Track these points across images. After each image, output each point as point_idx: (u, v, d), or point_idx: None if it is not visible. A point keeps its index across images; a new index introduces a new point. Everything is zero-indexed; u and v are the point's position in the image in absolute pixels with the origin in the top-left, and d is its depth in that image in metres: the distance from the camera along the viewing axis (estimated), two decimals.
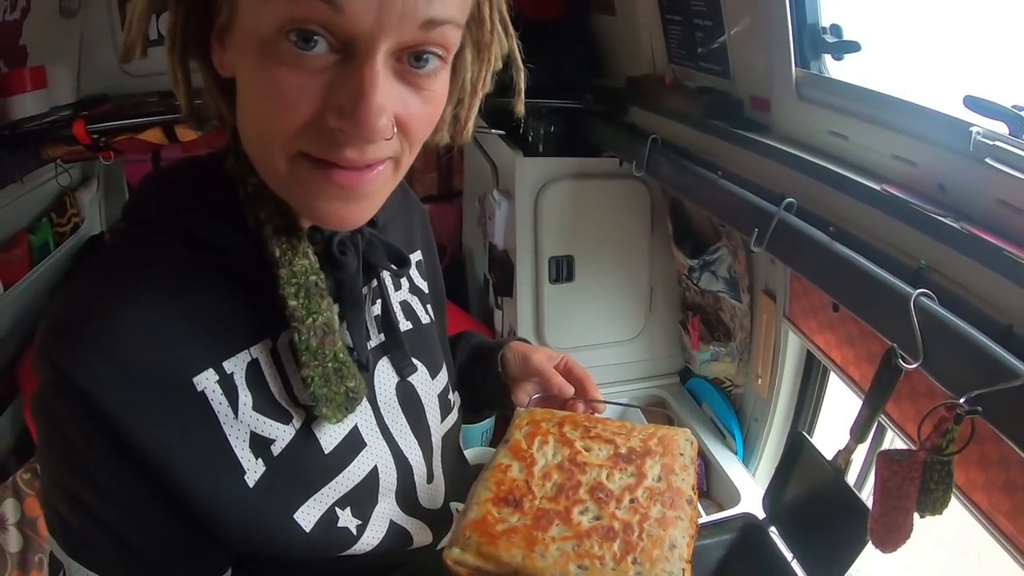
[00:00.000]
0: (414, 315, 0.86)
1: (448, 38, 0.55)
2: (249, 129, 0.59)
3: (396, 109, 0.55)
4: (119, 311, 0.57)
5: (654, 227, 1.96)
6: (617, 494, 0.70)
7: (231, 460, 0.61)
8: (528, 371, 0.95)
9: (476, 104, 0.71)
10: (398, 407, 0.79)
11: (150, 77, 1.91)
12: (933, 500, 0.88)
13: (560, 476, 0.72)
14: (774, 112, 1.33)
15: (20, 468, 1.55)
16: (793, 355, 1.59)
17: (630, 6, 1.74)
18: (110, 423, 0.55)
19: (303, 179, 0.57)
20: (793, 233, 1.08)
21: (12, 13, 1.49)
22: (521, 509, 0.68)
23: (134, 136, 1.65)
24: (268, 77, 0.53)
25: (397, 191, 0.88)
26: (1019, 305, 0.79)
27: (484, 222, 2.16)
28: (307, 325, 0.63)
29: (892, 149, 1.05)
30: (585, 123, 1.91)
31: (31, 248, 1.85)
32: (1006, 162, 0.86)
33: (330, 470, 0.69)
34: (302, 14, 0.49)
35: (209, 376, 0.60)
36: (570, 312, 1.96)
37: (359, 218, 0.61)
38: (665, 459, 0.74)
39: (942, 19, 1.09)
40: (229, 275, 0.63)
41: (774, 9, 1.22)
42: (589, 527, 0.66)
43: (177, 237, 0.62)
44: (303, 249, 0.64)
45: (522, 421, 0.80)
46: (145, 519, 0.60)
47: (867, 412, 1.12)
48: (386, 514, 0.75)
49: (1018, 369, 0.73)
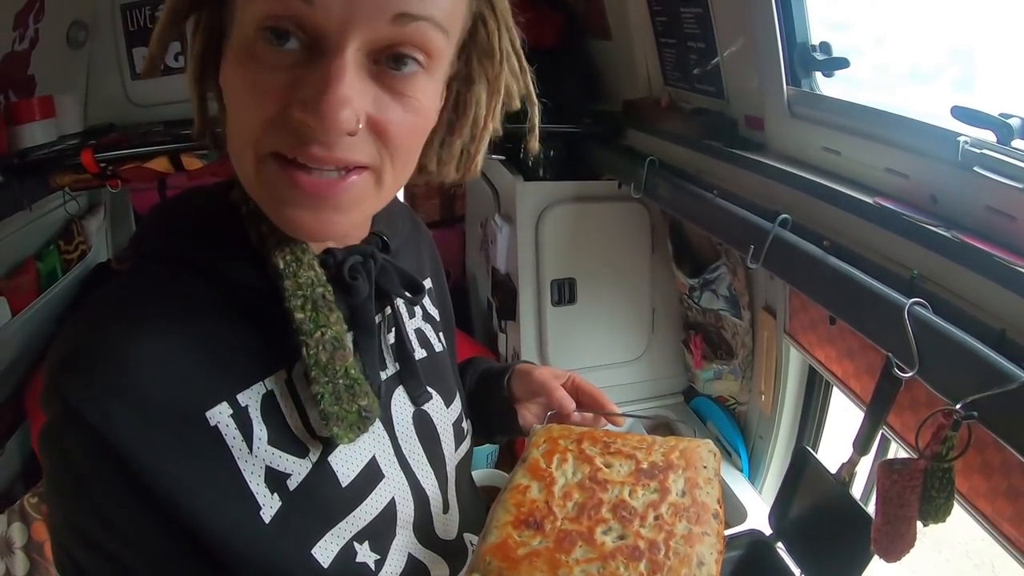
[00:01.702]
0: (428, 343, 0.86)
1: (427, 38, 0.55)
2: (229, 136, 0.59)
3: (369, 109, 0.55)
4: (130, 344, 0.56)
5: (654, 248, 1.97)
6: (641, 511, 0.68)
7: (246, 496, 0.60)
8: (531, 388, 0.95)
9: (486, 139, 0.70)
10: (414, 436, 0.78)
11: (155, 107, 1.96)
12: (935, 508, 0.88)
13: (581, 495, 0.70)
14: (768, 130, 1.35)
15: (27, 492, 1.57)
16: (795, 370, 1.59)
17: (625, 31, 1.77)
18: (122, 459, 0.54)
19: (270, 181, 0.56)
20: (788, 248, 1.09)
21: (21, 43, 1.54)
22: (542, 531, 0.66)
23: (141, 165, 1.68)
24: (243, 76, 0.54)
25: (406, 218, 0.88)
26: (1012, 309, 0.80)
27: (486, 247, 2.17)
28: (315, 339, 0.62)
29: (884, 162, 1.06)
30: (584, 147, 1.93)
31: (39, 275, 1.87)
32: (994, 169, 0.87)
33: (348, 504, 0.68)
34: (276, 9, 0.51)
35: (223, 410, 0.59)
36: (573, 334, 1.96)
37: (330, 230, 0.59)
38: (688, 472, 0.72)
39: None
40: (242, 306, 0.63)
41: (764, 29, 1.24)
42: (614, 547, 0.64)
43: (187, 269, 0.62)
44: (308, 261, 0.63)
45: (539, 439, 0.78)
46: (159, 557, 0.59)
47: (869, 424, 1.12)
48: (404, 547, 0.74)
49: (1013, 373, 0.73)
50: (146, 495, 0.55)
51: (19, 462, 1.77)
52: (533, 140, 0.73)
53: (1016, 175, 0.84)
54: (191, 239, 0.64)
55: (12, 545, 1.52)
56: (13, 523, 1.53)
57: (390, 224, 0.78)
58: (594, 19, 1.92)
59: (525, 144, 0.74)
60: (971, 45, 1.05)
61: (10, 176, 1.54)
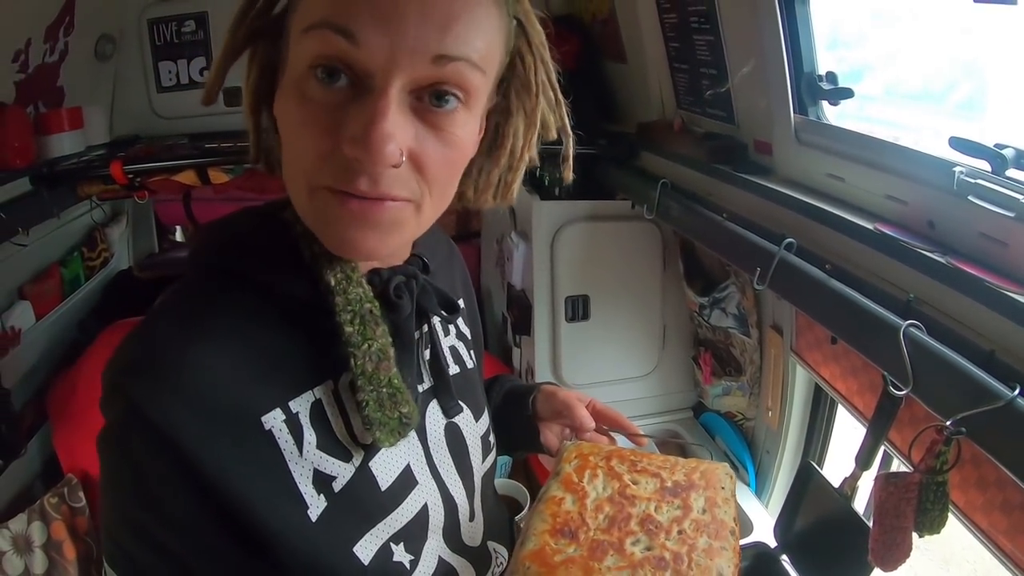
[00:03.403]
0: (460, 360, 0.89)
1: (464, 77, 0.59)
2: (284, 164, 0.63)
3: (411, 144, 0.58)
4: (192, 352, 0.60)
5: (666, 266, 2.00)
6: (666, 526, 0.74)
7: (295, 495, 0.63)
8: (555, 408, 1.00)
9: (523, 168, 0.74)
10: (445, 447, 0.81)
11: (178, 119, 2.03)
12: (930, 520, 0.92)
13: (611, 508, 0.75)
14: (776, 155, 1.39)
15: (47, 493, 1.61)
16: (801, 387, 1.62)
17: (640, 55, 1.81)
18: (185, 457, 0.57)
19: (322, 207, 0.60)
20: (793, 271, 1.13)
21: (51, 56, 1.59)
22: (577, 540, 0.71)
23: (168, 177, 1.72)
24: (297, 112, 0.58)
25: (443, 242, 0.91)
26: (1000, 331, 0.83)
27: (502, 263, 2.21)
28: (362, 351, 0.65)
29: (885, 189, 1.11)
30: (599, 167, 1.96)
31: (62, 280, 1.93)
32: (987, 198, 0.91)
33: (386, 506, 0.71)
34: (326, 50, 0.55)
35: (277, 415, 0.63)
36: (586, 349, 1.99)
37: (373, 248, 0.62)
38: (708, 492, 0.78)
39: None
40: (293, 319, 0.67)
41: (773, 58, 1.29)
42: (642, 557, 0.70)
43: (242, 283, 0.66)
44: (357, 279, 0.67)
45: (570, 454, 0.83)
46: (215, 553, 0.62)
47: (871, 440, 1.15)
48: (435, 551, 0.77)
49: (1000, 392, 0.77)
50: (206, 492, 0.59)
51: (39, 463, 1.80)
52: (567, 171, 0.78)
53: (1008, 204, 0.88)
54: (248, 255, 0.68)
55: (32, 544, 1.57)
56: (33, 522, 1.57)
57: (429, 247, 0.81)
58: (610, 43, 1.97)
59: (560, 174, 0.79)
60: (982, 64, 1.08)
61: (40, 185, 1.59)
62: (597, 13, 1.99)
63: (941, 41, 1.12)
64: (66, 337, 1.98)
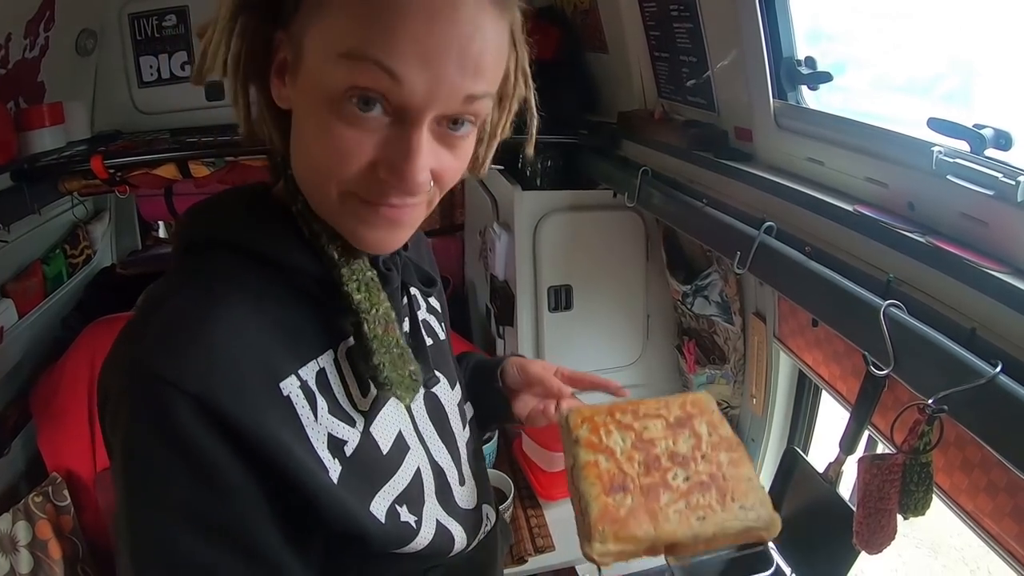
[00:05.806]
0: (434, 332, 0.94)
1: (483, 108, 0.65)
2: (304, 163, 0.67)
3: (433, 165, 0.64)
4: (212, 324, 0.62)
5: (649, 255, 2.00)
6: (690, 455, 0.80)
7: (316, 459, 0.66)
8: (526, 379, 1.02)
9: (495, 145, 0.79)
10: (426, 416, 0.85)
11: (160, 115, 2.02)
12: (915, 501, 0.92)
13: (640, 455, 0.80)
14: (756, 141, 1.39)
15: (32, 492, 1.61)
16: (785, 374, 1.63)
17: (621, 45, 1.81)
18: (231, 425, 0.59)
19: (354, 211, 0.65)
20: (772, 254, 1.14)
21: (32, 51, 1.58)
22: (629, 491, 0.76)
23: (149, 171, 1.72)
24: (330, 130, 0.61)
25: None
26: (982, 309, 0.83)
27: (485, 254, 2.21)
28: (372, 315, 0.70)
29: (865, 172, 1.10)
30: (580, 157, 1.97)
31: (45, 278, 1.92)
32: (966, 178, 0.91)
33: (388, 470, 0.75)
34: (366, 82, 0.58)
35: (292, 382, 0.66)
36: (570, 340, 1.99)
37: (397, 243, 0.70)
38: (706, 417, 0.85)
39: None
40: (297, 291, 0.70)
41: (751, 44, 1.29)
42: (687, 487, 0.76)
43: (244, 258, 0.68)
44: (355, 251, 0.71)
45: (576, 421, 0.85)
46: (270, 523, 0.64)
47: (854, 424, 1.16)
48: (433, 514, 0.80)
49: (981, 369, 0.77)
50: (252, 458, 0.61)
51: (23, 461, 1.80)
52: (530, 148, 0.80)
53: (987, 183, 0.88)
54: (250, 230, 0.70)
55: (17, 543, 1.56)
56: (18, 521, 1.57)
57: None
58: (591, 33, 1.97)
59: (523, 151, 0.81)
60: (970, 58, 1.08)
61: (20, 180, 1.58)
62: (579, 4, 1.99)
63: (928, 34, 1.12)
64: (49, 335, 1.98)
